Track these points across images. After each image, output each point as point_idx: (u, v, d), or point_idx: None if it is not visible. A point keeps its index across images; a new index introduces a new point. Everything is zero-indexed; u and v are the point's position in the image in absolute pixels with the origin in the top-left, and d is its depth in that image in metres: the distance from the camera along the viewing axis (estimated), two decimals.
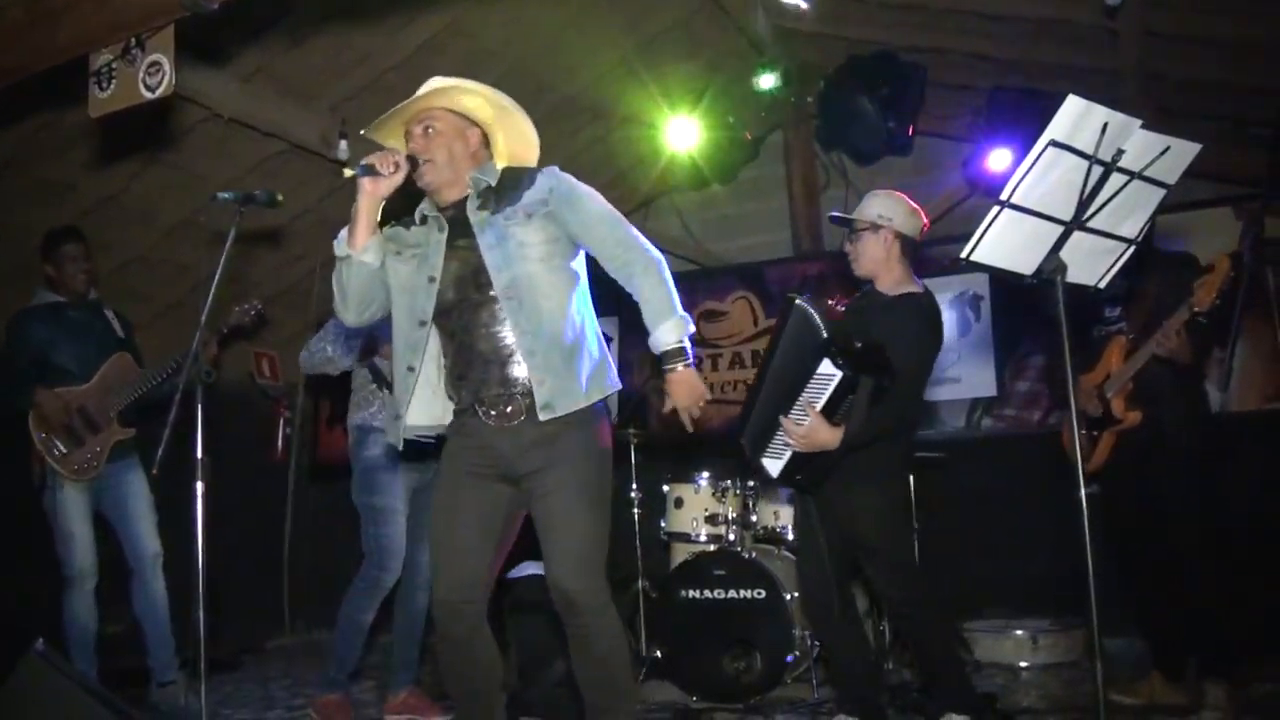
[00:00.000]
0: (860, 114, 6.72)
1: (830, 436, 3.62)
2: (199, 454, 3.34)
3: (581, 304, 3.18)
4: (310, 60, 5.56)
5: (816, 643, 4.80)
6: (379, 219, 3.16)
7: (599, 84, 6.70)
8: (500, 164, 3.31)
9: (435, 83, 3.23)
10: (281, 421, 8.16)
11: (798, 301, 3.77)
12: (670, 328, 3.10)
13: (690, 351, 3.11)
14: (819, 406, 3.60)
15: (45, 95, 4.73)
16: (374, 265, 3.15)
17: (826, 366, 3.58)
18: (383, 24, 5.47)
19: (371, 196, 3.11)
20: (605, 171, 7.44)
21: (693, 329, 3.14)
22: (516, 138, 3.34)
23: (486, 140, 3.30)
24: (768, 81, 7.14)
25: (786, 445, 3.73)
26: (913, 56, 6.62)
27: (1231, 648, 4.13)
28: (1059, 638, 5.45)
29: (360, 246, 3.11)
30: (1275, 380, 5.46)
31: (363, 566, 4.60)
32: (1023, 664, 5.38)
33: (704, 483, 5.33)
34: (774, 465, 3.80)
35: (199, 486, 3.30)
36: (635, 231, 3.20)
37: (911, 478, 5.31)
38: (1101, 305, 4.33)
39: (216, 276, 3.39)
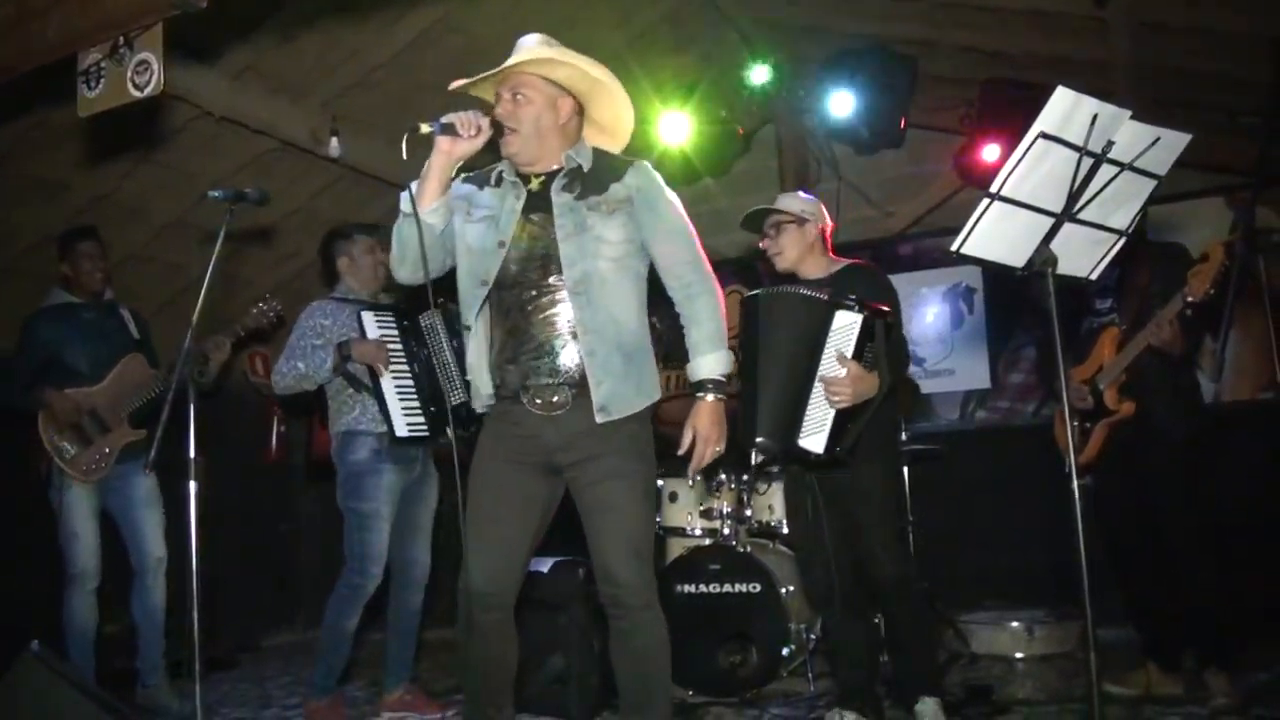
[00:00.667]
0: (851, 106, 6.72)
1: (872, 383, 3.61)
2: (191, 454, 3.34)
3: (644, 308, 3.13)
4: (300, 57, 5.54)
5: (812, 636, 4.82)
6: (452, 177, 3.07)
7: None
8: (592, 141, 3.21)
9: (531, 48, 3.10)
10: (275, 420, 8.15)
11: (763, 292, 3.85)
12: (718, 359, 3.07)
13: (725, 387, 3.08)
14: (849, 356, 3.59)
15: (35, 94, 4.71)
16: (438, 228, 3.06)
17: (842, 319, 3.59)
18: (372, 20, 5.46)
19: (447, 156, 2.99)
20: None
21: (731, 372, 3.10)
22: (611, 112, 3.24)
23: (580, 110, 3.19)
24: (759, 75, 7.14)
25: (826, 412, 3.62)
26: (904, 49, 6.62)
27: (1229, 638, 4.14)
28: (1054, 629, 5.46)
29: (428, 206, 3.01)
30: (1268, 370, 5.47)
31: (343, 572, 4.53)
32: (1018, 655, 5.40)
33: (698, 477, 5.32)
34: (817, 440, 3.63)
35: (192, 486, 3.30)
36: (703, 254, 3.17)
37: (906, 469, 5.34)
38: (1092, 297, 4.34)
39: (208, 275, 3.39)
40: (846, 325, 3.60)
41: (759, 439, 3.73)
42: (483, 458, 3.12)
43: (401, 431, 4.41)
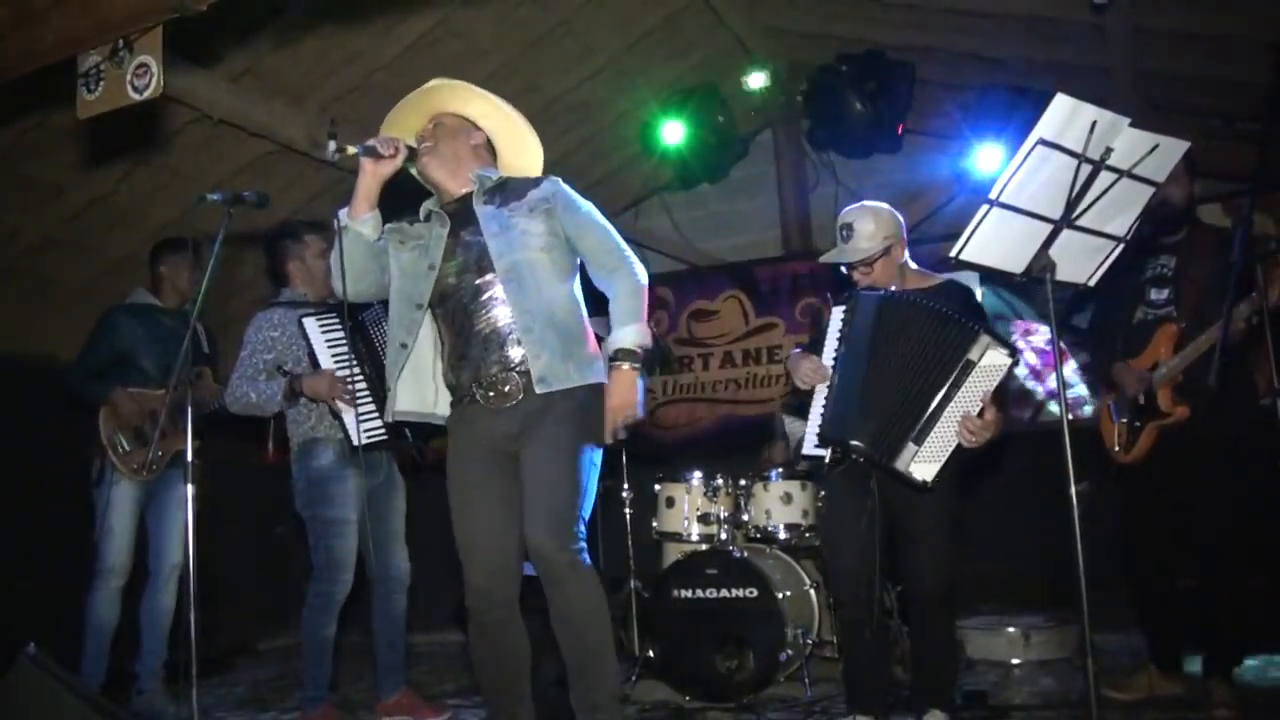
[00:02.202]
0: (849, 112, 6.73)
1: (1000, 426, 3.59)
2: (189, 456, 3.34)
3: (577, 294, 3.31)
4: (299, 61, 5.54)
5: (809, 641, 4.81)
6: (378, 200, 3.32)
7: (588, 83, 6.70)
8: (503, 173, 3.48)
9: (441, 80, 3.45)
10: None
11: (886, 294, 3.71)
12: (633, 331, 3.20)
13: (640, 359, 3.19)
14: (990, 397, 3.49)
15: (33, 96, 4.71)
16: (370, 238, 3.32)
17: (993, 358, 3.45)
18: (372, 24, 5.45)
19: (372, 176, 3.27)
20: (595, 170, 7.44)
21: (648, 345, 3.22)
22: (520, 150, 3.53)
23: (490, 147, 3.51)
24: (757, 80, 7.18)
25: (949, 444, 3.50)
26: (901, 54, 6.63)
27: (1238, 650, 4.14)
28: (1051, 634, 5.46)
29: (361, 216, 3.29)
30: (1265, 378, 5.47)
31: (312, 582, 4.47)
32: (1015, 661, 5.39)
33: (695, 482, 5.32)
34: (929, 469, 3.49)
35: (189, 489, 3.30)
36: (623, 243, 3.35)
37: None
38: (1148, 287, 4.25)
39: (206, 278, 3.40)
40: (996, 366, 3.46)
41: (855, 442, 3.58)
42: (454, 462, 3.30)
43: (359, 441, 4.32)
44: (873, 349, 3.62)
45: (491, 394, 3.19)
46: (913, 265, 3.96)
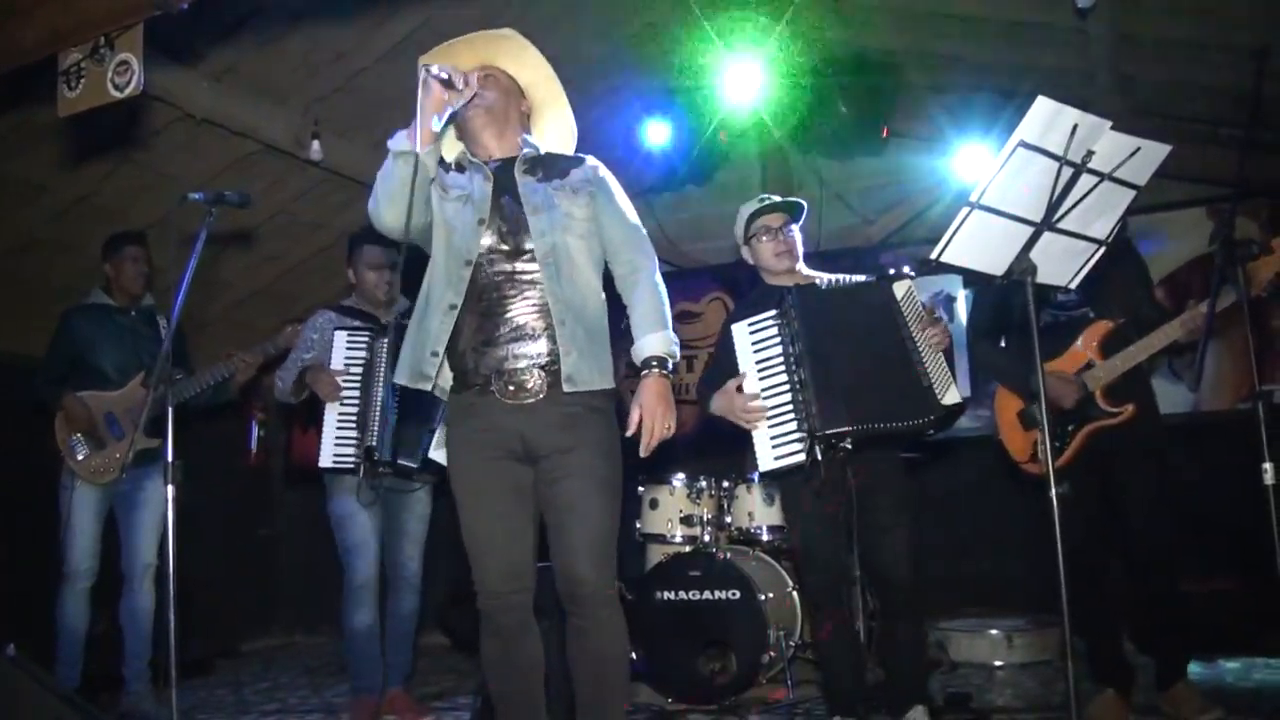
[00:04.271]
0: (833, 115, 6.73)
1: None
2: (169, 457, 3.31)
3: (603, 298, 3.13)
4: (282, 60, 5.53)
5: (791, 643, 4.82)
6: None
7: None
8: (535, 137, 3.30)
9: (511, 32, 3.26)
10: (254, 423, 8.12)
11: (798, 288, 3.79)
12: (662, 339, 3.02)
13: (671, 366, 3.03)
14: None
15: (14, 94, 4.69)
16: (431, 173, 3.04)
17: (902, 287, 3.69)
18: (355, 24, 5.44)
19: (438, 104, 2.96)
20: None
21: (677, 354, 3.06)
22: (559, 128, 3.37)
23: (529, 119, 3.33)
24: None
25: (941, 365, 3.64)
26: (886, 58, 6.64)
27: (1191, 650, 4.07)
28: (1034, 636, 5.48)
29: (425, 146, 2.94)
30: (1247, 380, 5.50)
31: None
32: (998, 663, 5.41)
33: (679, 484, 5.32)
34: (954, 392, 3.61)
35: (169, 490, 3.27)
36: (650, 246, 3.20)
37: None
38: (1049, 290, 4.15)
39: (187, 278, 3.37)
40: (907, 292, 3.67)
41: (867, 423, 3.59)
42: (459, 461, 3.05)
43: (324, 462, 4.44)
44: (823, 338, 3.65)
45: (511, 387, 2.94)
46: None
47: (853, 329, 3.68)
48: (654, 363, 3.00)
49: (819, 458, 3.60)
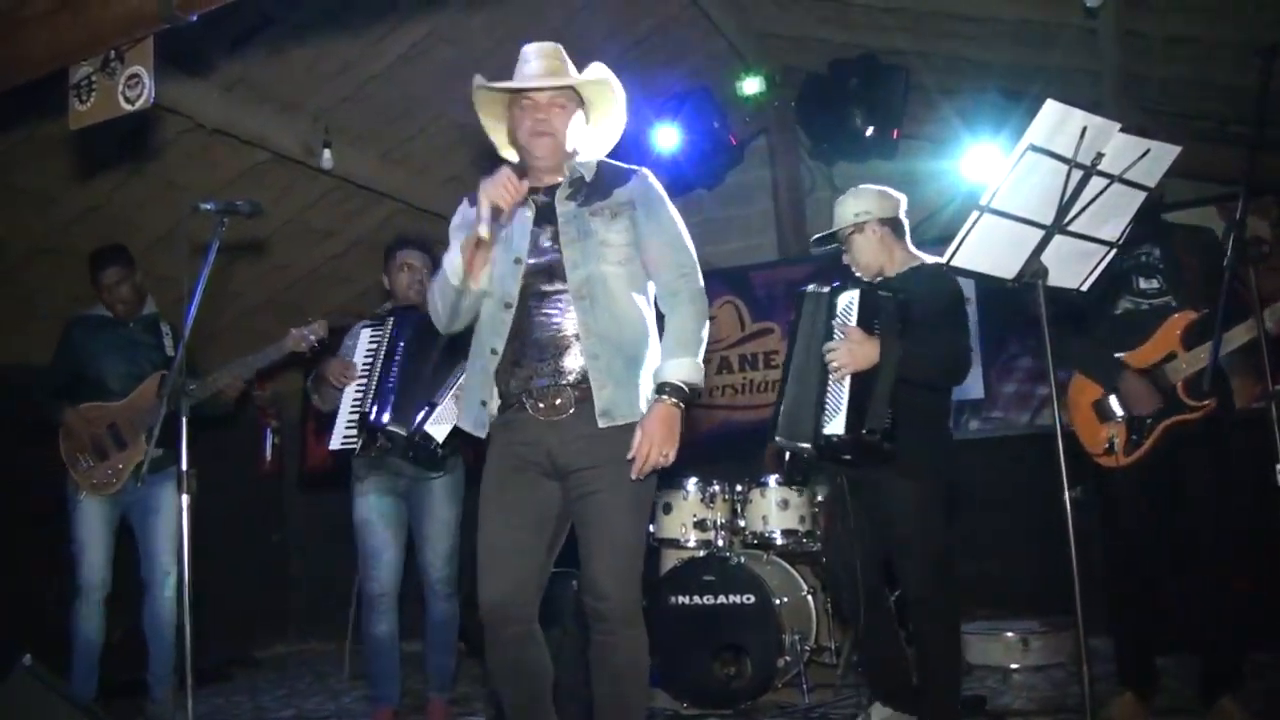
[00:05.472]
0: (843, 117, 6.74)
1: (871, 348, 3.57)
2: (183, 466, 3.33)
3: (651, 312, 3.10)
4: (292, 70, 5.55)
5: (806, 647, 4.81)
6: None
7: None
8: (580, 137, 3.22)
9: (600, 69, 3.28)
10: (268, 431, 8.14)
11: (806, 289, 3.89)
12: (687, 365, 2.97)
13: (687, 397, 2.95)
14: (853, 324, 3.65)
15: (26, 106, 4.72)
16: (483, 292, 3.06)
17: (844, 299, 3.68)
18: (364, 33, 5.46)
19: (482, 259, 3.01)
20: None
21: (700, 385, 2.99)
22: (607, 117, 3.34)
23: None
24: (751, 86, 7.18)
25: (839, 392, 3.59)
26: (895, 60, 6.64)
27: (1241, 660, 3.91)
28: (1049, 639, 5.45)
29: (480, 282, 3.03)
30: (1260, 380, 5.48)
31: None
32: (1013, 666, 5.39)
33: (692, 488, 5.31)
34: (837, 422, 3.57)
35: (184, 499, 3.28)
36: (698, 269, 3.12)
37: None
38: (1133, 276, 3.98)
39: (199, 287, 3.38)
40: (848, 304, 3.67)
41: (776, 438, 3.81)
42: (490, 470, 3.06)
43: (334, 444, 4.43)
44: (793, 348, 3.88)
45: (541, 404, 2.96)
46: (912, 249, 3.99)
47: (803, 338, 3.85)
48: (668, 389, 2.94)
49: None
